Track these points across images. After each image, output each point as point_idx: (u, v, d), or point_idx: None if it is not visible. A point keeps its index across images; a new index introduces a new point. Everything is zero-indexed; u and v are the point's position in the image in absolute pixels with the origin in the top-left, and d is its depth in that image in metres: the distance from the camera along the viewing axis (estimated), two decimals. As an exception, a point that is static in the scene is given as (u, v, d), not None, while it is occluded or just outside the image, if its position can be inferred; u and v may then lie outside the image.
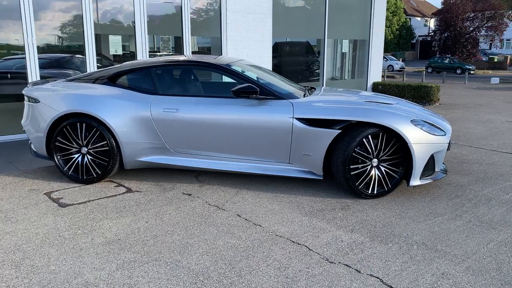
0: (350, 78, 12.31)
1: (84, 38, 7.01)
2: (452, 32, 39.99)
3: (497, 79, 22.23)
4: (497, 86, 19.35)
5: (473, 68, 33.77)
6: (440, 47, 41.11)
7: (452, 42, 40.10)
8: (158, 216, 3.76)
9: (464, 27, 39.62)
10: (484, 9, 39.18)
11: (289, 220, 3.70)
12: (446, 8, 41.05)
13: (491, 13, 38.86)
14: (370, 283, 2.73)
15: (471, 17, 39.78)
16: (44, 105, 4.54)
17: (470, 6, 38.93)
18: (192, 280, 2.75)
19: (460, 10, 38.88)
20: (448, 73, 31.17)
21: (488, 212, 3.90)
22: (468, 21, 39.88)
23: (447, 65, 34.54)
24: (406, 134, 4.00)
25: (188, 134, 4.39)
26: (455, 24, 39.37)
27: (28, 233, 3.40)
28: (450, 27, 39.82)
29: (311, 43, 11.31)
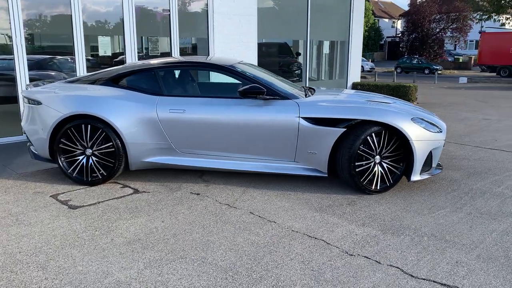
0: (330, 79, 12.57)
1: (73, 39, 6.92)
2: (419, 33, 41.18)
3: (465, 79, 23.08)
4: (466, 86, 20.10)
5: (440, 68, 34.87)
6: (408, 48, 42.25)
7: (420, 43, 41.30)
8: (173, 216, 3.80)
9: (431, 28, 40.89)
10: (449, 11, 40.55)
11: (301, 216, 3.82)
12: (414, 10, 42.27)
13: (456, 15, 40.26)
14: (391, 273, 2.87)
15: (437, 18, 41.10)
16: (46, 107, 4.50)
17: (436, 8, 40.21)
18: (222, 276, 2.82)
19: (427, 12, 40.10)
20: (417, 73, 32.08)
21: (485, 204, 4.13)
22: (434, 23, 41.18)
23: (416, 66, 35.53)
24: (408, 132, 4.19)
25: (195, 134, 4.45)
26: (422, 26, 40.56)
27: (45, 236, 3.38)
28: (418, 29, 41.00)
29: (291, 44, 11.47)
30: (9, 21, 6.27)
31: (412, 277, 2.82)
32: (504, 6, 24.76)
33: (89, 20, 7.14)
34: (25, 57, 6.49)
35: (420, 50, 41.03)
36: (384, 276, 2.83)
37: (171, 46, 8.20)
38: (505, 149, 6.41)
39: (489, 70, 32.91)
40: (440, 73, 32.34)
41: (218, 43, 8.89)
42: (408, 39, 42.41)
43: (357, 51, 12.31)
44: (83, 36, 6.99)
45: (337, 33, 11.98)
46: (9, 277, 2.78)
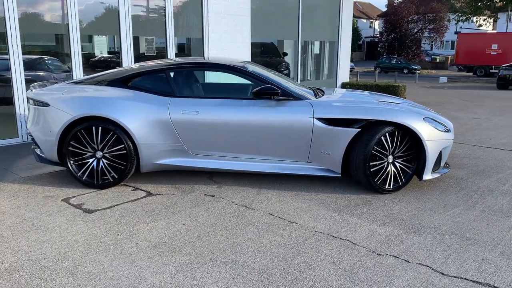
0: (319, 79, 12.65)
1: (69, 39, 6.78)
2: (397, 34, 41.85)
3: (445, 79, 23.58)
4: (447, 85, 20.54)
5: (419, 68, 35.52)
6: (387, 48, 42.89)
7: (398, 43, 41.97)
8: (192, 218, 3.76)
9: (409, 29, 41.61)
10: (426, 12, 41.37)
11: (321, 216, 3.83)
12: (392, 10, 42.94)
13: (433, 16, 41.09)
14: (422, 271, 2.91)
15: (415, 19, 41.86)
16: (55, 108, 4.39)
17: (414, 9, 40.94)
18: (257, 278, 2.81)
19: (405, 12, 40.78)
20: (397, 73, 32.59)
21: (496, 202, 4.23)
22: (412, 23, 41.92)
23: (395, 65, 36.10)
24: (421, 132, 4.25)
25: (208, 135, 4.41)
26: (400, 26, 41.22)
27: (67, 241, 3.31)
28: (396, 29, 41.65)
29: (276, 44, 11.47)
30: (4, 20, 6.09)
31: (443, 275, 2.87)
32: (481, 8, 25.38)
33: (85, 20, 7.00)
34: (21, 58, 6.32)
35: (398, 50, 41.70)
36: (416, 274, 2.87)
37: (167, 46, 8.11)
38: (501, 148, 6.58)
39: (466, 69, 33.73)
40: (419, 73, 32.92)
41: (213, 43, 8.85)
42: (387, 39, 43.05)
43: (346, 51, 12.44)
44: (79, 36, 6.85)
45: (327, 33, 12.07)
46: (39, 284, 2.71)
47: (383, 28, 44.52)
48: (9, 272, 2.84)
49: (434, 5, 40.56)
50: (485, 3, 25.59)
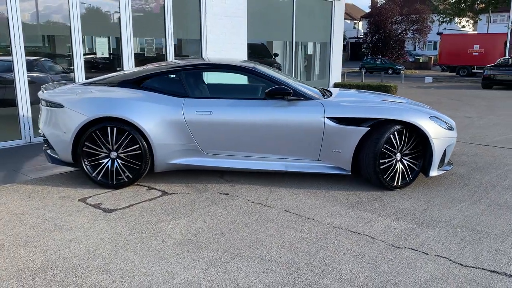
0: (311, 80, 12.81)
1: (71, 40, 6.79)
2: (382, 35, 42.42)
3: (431, 79, 24.02)
4: (433, 85, 20.93)
5: (403, 68, 36.01)
6: (372, 48, 43.43)
7: (382, 44, 42.55)
8: (212, 215, 3.85)
9: (393, 29, 42.23)
10: (410, 13, 42.05)
11: (336, 213, 3.96)
12: (376, 11, 43.51)
13: (416, 17, 41.79)
14: (442, 262, 3.05)
15: (399, 20, 42.50)
16: (69, 110, 4.43)
17: (398, 10, 41.58)
18: (286, 272, 2.92)
19: (389, 13, 41.38)
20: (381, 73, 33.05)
21: (500, 196, 4.42)
22: (396, 24, 42.55)
23: (379, 66, 36.55)
24: (428, 130, 4.41)
25: (221, 135, 4.50)
26: (384, 27, 41.81)
27: (93, 240, 3.36)
28: (381, 30, 42.23)
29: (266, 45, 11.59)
30: (8, 22, 6.07)
31: (461, 265, 3.02)
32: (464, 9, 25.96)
33: (86, 21, 7.01)
34: (24, 59, 6.31)
35: (383, 50, 42.28)
36: (437, 266, 3.01)
37: (166, 47, 8.16)
38: (496, 145, 6.81)
39: (449, 69, 34.39)
40: (403, 73, 33.46)
41: (211, 44, 8.93)
42: (371, 40, 43.61)
43: (338, 52, 12.63)
44: (81, 37, 6.86)
45: (320, 35, 12.24)
46: (75, 281, 2.77)
47: (367, 29, 45.08)
48: (42, 271, 2.89)
49: (418, 6, 41.27)
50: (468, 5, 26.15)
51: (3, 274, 2.84)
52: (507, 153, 6.30)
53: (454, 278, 2.85)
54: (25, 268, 2.93)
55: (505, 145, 6.86)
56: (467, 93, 16.30)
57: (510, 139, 7.32)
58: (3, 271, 2.89)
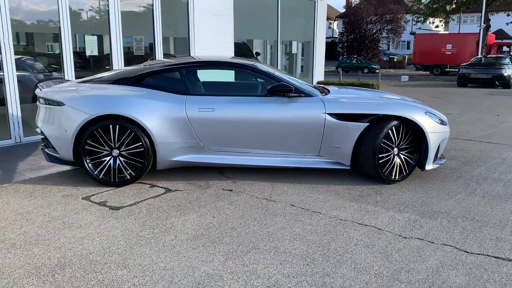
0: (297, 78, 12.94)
1: (60, 38, 6.69)
2: (357, 34, 43.09)
3: (407, 77, 24.57)
4: (411, 83, 21.42)
5: (378, 67, 36.70)
6: (347, 48, 44.05)
7: (358, 43, 43.22)
8: (220, 211, 3.89)
9: (368, 29, 42.95)
10: (384, 13, 42.87)
11: (340, 206, 4.06)
12: (351, 11, 44.17)
13: (391, 17, 42.64)
14: (448, 251, 3.19)
15: (374, 20, 43.27)
16: (70, 108, 4.39)
17: (372, 10, 42.31)
18: (302, 262, 2.99)
19: (364, 13, 42.06)
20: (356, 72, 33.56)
21: (492, 188, 4.61)
22: (371, 24, 43.30)
23: (355, 65, 37.15)
24: (424, 125, 4.57)
25: (224, 132, 4.55)
26: (360, 27, 42.48)
27: (105, 236, 3.36)
28: (356, 29, 42.88)
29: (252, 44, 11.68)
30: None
31: (467, 253, 3.16)
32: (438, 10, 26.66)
33: (76, 19, 6.92)
34: (13, 57, 6.19)
35: (358, 50, 42.96)
36: (444, 253, 3.14)
37: (155, 46, 8.13)
38: (480, 140, 7.07)
39: (423, 68, 35.25)
40: (378, 72, 34.10)
41: (198, 42, 8.93)
42: (347, 39, 44.24)
43: (321, 51, 12.80)
44: (71, 35, 6.77)
45: (303, 34, 12.39)
46: (96, 277, 2.77)
47: (343, 28, 45.69)
48: (60, 268, 2.88)
49: (392, 6, 42.11)
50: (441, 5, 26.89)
51: (20, 272, 2.82)
52: (491, 147, 6.55)
53: (462, 264, 2.98)
54: (42, 265, 2.91)
55: (488, 140, 7.13)
56: (444, 91, 16.76)
57: (492, 134, 7.60)
58: (20, 269, 2.86)
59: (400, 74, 29.62)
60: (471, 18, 48.04)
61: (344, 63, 38.32)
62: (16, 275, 2.79)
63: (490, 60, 19.30)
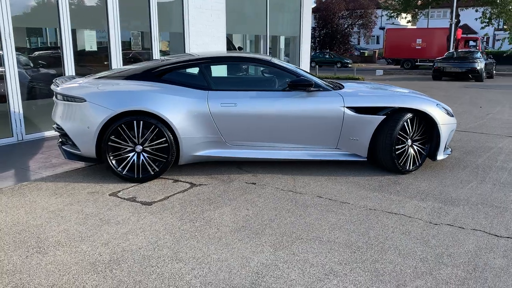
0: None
1: (60, 33, 6.56)
2: (329, 29, 43.63)
3: (381, 71, 25.11)
4: (387, 77, 21.92)
5: (351, 62, 37.34)
6: (320, 43, 44.54)
7: (330, 38, 43.78)
8: (252, 204, 3.97)
9: (340, 24, 43.55)
10: (355, 8, 43.57)
11: (365, 196, 4.21)
12: (323, 6, 44.65)
13: (361, 12, 43.39)
14: (480, 235, 3.38)
15: (345, 15, 43.91)
16: (92, 104, 4.35)
17: (344, 5, 42.92)
18: (349, 250, 3.11)
19: (336, 8, 42.61)
20: (330, 66, 34.03)
21: (499, 176, 4.87)
22: (342, 19, 43.92)
23: (328, 60, 37.64)
24: (437, 117, 4.77)
25: (245, 127, 4.61)
26: (332, 22, 43.03)
27: (148, 231, 3.38)
28: (328, 24, 43.41)
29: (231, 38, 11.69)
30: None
31: (498, 236, 3.36)
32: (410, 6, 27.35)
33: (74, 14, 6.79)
34: (14, 53, 6.03)
35: (330, 45, 43.53)
36: (477, 238, 3.33)
37: (152, 41, 8.06)
38: (473, 131, 7.40)
39: (394, 63, 36.07)
40: (351, 67, 34.70)
41: (193, 37, 8.91)
42: (319, 34, 44.73)
43: (306, 46, 12.96)
44: (71, 30, 6.65)
45: (290, 29, 12.51)
46: (155, 271, 2.81)
47: (315, 23, 46.17)
48: (116, 263, 2.90)
49: (362, 1, 42.84)
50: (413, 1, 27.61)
51: (77, 268, 2.82)
52: (485, 138, 6.87)
53: (497, 247, 3.17)
54: (96, 261, 2.92)
55: (480, 130, 7.46)
56: (421, 84, 17.26)
57: (481, 125, 7.95)
58: (75, 265, 2.86)
59: (373, 68, 30.23)
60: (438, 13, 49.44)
61: (317, 58, 38.70)
62: (73, 271, 2.79)
63: (463, 54, 20.00)
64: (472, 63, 18.22)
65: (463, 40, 32.35)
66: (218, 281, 2.70)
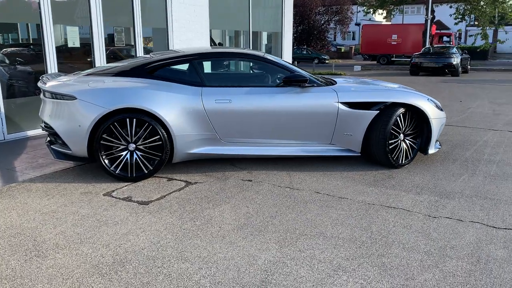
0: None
1: (42, 29, 6.36)
2: (306, 25, 43.81)
3: (359, 67, 25.38)
4: (365, 73, 22.14)
5: (328, 58, 37.66)
6: (297, 39, 44.68)
7: (307, 34, 43.98)
8: (251, 201, 3.94)
9: (317, 20, 43.79)
10: (331, 4, 43.86)
11: (362, 191, 4.23)
12: (300, 2, 44.77)
13: (338, 8, 43.71)
14: (478, 227, 3.44)
15: (322, 11, 44.16)
16: (84, 101, 4.23)
17: (320, 1, 43.15)
18: (354, 246, 3.12)
19: (312, 4, 42.81)
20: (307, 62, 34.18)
21: (489, 168, 4.97)
22: (319, 15, 44.16)
23: (306, 56, 37.80)
24: (428, 111, 4.83)
25: (240, 123, 4.57)
26: (309, 18, 43.21)
27: (149, 231, 3.31)
28: (305, 21, 43.57)
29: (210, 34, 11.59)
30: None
31: (495, 228, 3.42)
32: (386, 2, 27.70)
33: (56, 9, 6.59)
34: (-6, 49, 5.82)
35: (307, 41, 43.73)
36: (476, 230, 3.38)
37: (135, 37, 7.91)
38: (457, 125, 7.54)
39: (370, 58, 36.49)
40: (328, 62, 34.94)
41: (176, 32, 8.79)
42: (296, 30, 44.85)
43: (288, 41, 12.96)
44: (52, 26, 6.45)
45: (272, 24, 12.48)
46: (161, 271, 2.75)
47: (292, 20, 46.24)
48: (120, 265, 2.83)
49: (339, -3, 43.20)
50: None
51: (80, 272, 2.74)
52: (470, 131, 7.01)
53: (497, 238, 3.23)
54: (99, 263, 2.84)
55: (463, 124, 7.61)
56: (400, 79, 17.50)
57: (464, 119, 8.12)
58: (77, 268, 2.78)
59: (350, 64, 30.52)
60: (412, 10, 50.25)
61: (295, 54, 38.48)
62: (77, 274, 2.71)
63: (439, 50, 20.38)
64: (448, 58, 18.59)
65: (437, 35, 32.98)
66: (228, 280, 2.66)
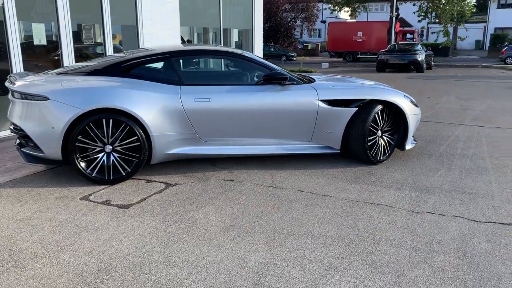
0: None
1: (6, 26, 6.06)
2: (273, 23, 43.93)
3: (327, 64, 25.63)
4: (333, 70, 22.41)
5: (295, 55, 37.90)
6: (264, 36, 44.72)
7: (274, 31, 44.10)
8: (235, 201, 3.87)
9: (283, 17, 43.97)
10: (297, 1, 44.14)
11: (344, 188, 4.24)
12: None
13: (304, 5, 44.05)
14: (460, 221, 3.50)
15: (288, 8, 44.38)
16: (57, 102, 4.04)
17: (286, -2, 43.36)
18: (342, 244, 3.11)
19: (279, 1, 42.94)
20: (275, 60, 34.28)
21: (463, 163, 5.09)
22: (286, 12, 44.37)
23: (274, 53, 37.90)
24: (405, 108, 4.90)
25: (221, 122, 4.49)
26: (275, 15, 43.33)
27: (133, 237, 3.20)
28: (272, 18, 43.67)
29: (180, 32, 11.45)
30: None
31: (476, 222, 3.49)
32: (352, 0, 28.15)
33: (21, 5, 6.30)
34: (-45, 47, 5.50)
35: (275, 38, 43.86)
36: (459, 224, 3.44)
37: (105, 34, 7.67)
38: (429, 120, 7.71)
39: (336, 55, 37.02)
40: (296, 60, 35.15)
41: (147, 30, 8.59)
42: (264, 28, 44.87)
43: (259, 38, 12.94)
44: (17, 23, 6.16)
45: (243, 21, 12.41)
46: (150, 278, 2.65)
47: (259, 17, 46.22)
48: (105, 272, 2.71)
49: (305, -6, 43.50)
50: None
51: (64, 282, 2.60)
52: (441, 126, 7.18)
53: (480, 232, 3.30)
54: (83, 272, 2.71)
55: (434, 119, 7.79)
56: (367, 76, 17.79)
57: (434, 115, 8.32)
58: (60, 278, 2.64)
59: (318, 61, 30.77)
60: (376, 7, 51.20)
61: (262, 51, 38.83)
62: (60, 285, 2.57)
63: (405, 47, 20.86)
64: (413, 55, 19.04)
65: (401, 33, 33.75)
66: (220, 284, 2.59)
